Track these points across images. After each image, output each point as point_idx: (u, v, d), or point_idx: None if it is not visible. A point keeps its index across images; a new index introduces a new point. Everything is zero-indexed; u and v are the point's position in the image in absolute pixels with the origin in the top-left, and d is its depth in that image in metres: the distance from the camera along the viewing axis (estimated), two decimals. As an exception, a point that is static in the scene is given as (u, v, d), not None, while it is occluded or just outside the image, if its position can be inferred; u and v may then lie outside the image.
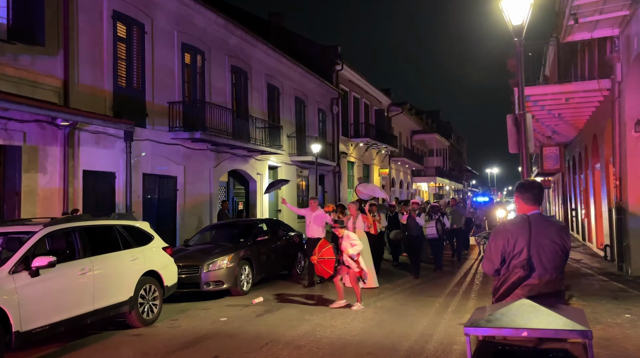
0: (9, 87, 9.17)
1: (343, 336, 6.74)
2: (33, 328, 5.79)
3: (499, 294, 3.37)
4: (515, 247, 3.29)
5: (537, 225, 3.33)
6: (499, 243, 3.36)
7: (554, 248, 3.28)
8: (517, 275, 3.28)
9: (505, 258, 3.34)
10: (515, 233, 3.32)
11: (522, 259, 3.26)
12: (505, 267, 3.35)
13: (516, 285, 3.29)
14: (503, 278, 3.37)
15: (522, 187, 3.51)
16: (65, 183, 10.32)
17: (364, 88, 30.27)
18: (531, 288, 3.25)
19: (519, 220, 3.40)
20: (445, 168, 51.56)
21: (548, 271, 3.26)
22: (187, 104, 14.30)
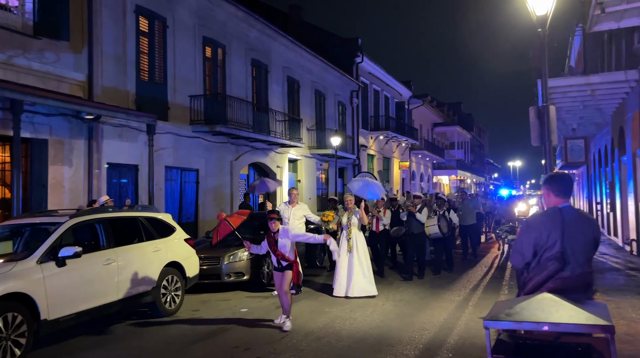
0: (35, 81, 9.38)
1: (362, 328, 6.76)
2: (60, 317, 5.95)
3: (529, 288, 3.35)
4: (548, 240, 3.27)
5: (570, 217, 3.31)
6: (531, 235, 3.34)
7: (587, 240, 3.28)
8: (549, 268, 3.26)
9: (537, 251, 3.32)
10: (548, 225, 3.30)
11: (556, 252, 3.24)
12: (536, 260, 3.33)
13: (548, 278, 3.27)
14: (534, 272, 3.35)
15: (553, 179, 3.48)
16: (89, 176, 10.54)
17: (385, 80, 30.07)
18: (563, 281, 3.23)
19: (551, 212, 3.38)
20: (467, 161, 51.00)
21: (580, 264, 3.25)
22: (208, 97, 14.42)
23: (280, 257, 6.73)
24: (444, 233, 10.68)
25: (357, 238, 8.83)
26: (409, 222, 10.50)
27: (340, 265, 8.69)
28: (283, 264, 6.74)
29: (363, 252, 8.80)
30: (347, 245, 8.83)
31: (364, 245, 8.90)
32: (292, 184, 19.82)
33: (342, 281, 8.63)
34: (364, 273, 8.66)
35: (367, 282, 8.66)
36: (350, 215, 9.00)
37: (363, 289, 8.56)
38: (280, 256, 6.72)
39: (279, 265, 6.79)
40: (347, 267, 8.66)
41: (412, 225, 10.42)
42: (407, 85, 34.64)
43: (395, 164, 31.63)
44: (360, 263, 8.68)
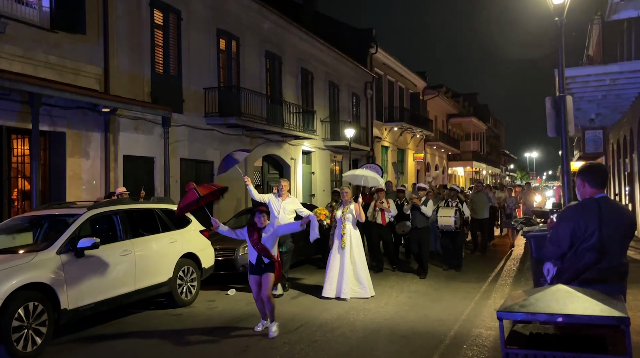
0: (52, 74, 9.51)
1: (376, 320, 6.79)
2: (79, 306, 6.08)
3: (565, 278, 3.34)
4: (586, 231, 3.27)
5: (607, 208, 3.31)
6: (567, 226, 3.34)
7: (625, 231, 3.30)
8: (586, 259, 3.26)
9: (573, 242, 3.31)
10: (585, 216, 3.30)
11: (593, 243, 3.24)
12: (572, 251, 3.33)
13: (585, 268, 3.28)
14: (570, 262, 3.34)
15: (588, 170, 3.47)
16: (106, 168, 10.68)
17: (399, 71, 29.85)
18: (600, 271, 3.24)
19: (587, 203, 3.38)
20: (482, 152, 50.53)
21: (617, 254, 3.27)
22: (222, 89, 14.47)
23: (263, 253, 6.02)
24: (456, 227, 10.02)
25: (351, 235, 8.09)
26: (412, 215, 9.81)
27: (332, 263, 8.00)
28: (265, 262, 6.03)
29: (357, 250, 8.07)
30: (341, 241, 8.08)
31: (358, 243, 8.17)
32: (307, 177, 19.86)
33: (333, 281, 7.94)
34: (358, 273, 7.95)
35: (359, 282, 7.94)
36: (345, 209, 8.22)
37: (354, 290, 7.90)
38: (264, 252, 6.02)
39: (259, 264, 6.05)
40: (340, 265, 7.96)
41: (416, 219, 9.74)
42: (421, 76, 34.35)
43: (409, 155, 31.47)
44: (354, 262, 7.98)
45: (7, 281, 5.31)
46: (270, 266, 6.04)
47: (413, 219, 9.80)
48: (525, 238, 7.12)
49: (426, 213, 9.64)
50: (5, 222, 7.17)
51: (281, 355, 5.45)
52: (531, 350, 2.78)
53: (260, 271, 6.05)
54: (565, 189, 9.19)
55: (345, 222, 8.13)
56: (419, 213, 9.69)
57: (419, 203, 9.65)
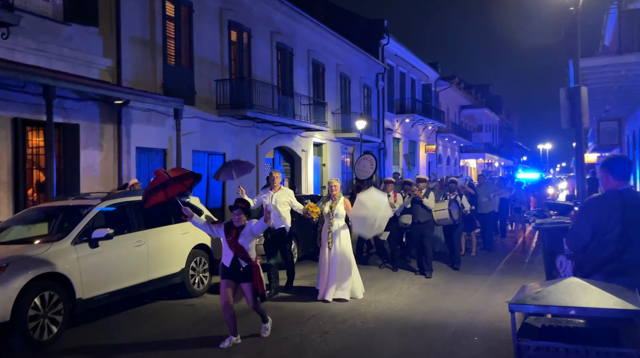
0: (66, 67, 9.59)
1: (387, 311, 6.80)
2: (94, 296, 6.17)
3: (586, 270, 3.33)
4: (608, 222, 3.25)
5: (631, 200, 3.29)
6: (590, 218, 3.34)
7: None
8: (609, 251, 3.25)
9: (595, 234, 3.30)
10: (608, 208, 3.29)
11: (616, 234, 3.23)
12: (595, 243, 3.31)
13: (607, 260, 3.26)
14: (592, 254, 3.33)
15: (611, 162, 3.47)
16: (119, 160, 10.78)
17: (411, 62, 29.64)
18: (623, 263, 3.23)
19: (610, 195, 3.37)
20: (495, 144, 50.10)
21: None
22: (234, 81, 14.49)
23: (240, 254, 5.35)
24: (454, 220, 9.46)
25: (339, 233, 7.46)
26: (413, 209, 9.17)
27: (320, 263, 7.51)
28: (242, 265, 5.38)
29: (344, 249, 7.43)
30: (327, 239, 7.47)
31: (345, 241, 7.50)
32: (317, 169, 19.86)
33: (322, 282, 7.43)
34: (342, 274, 7.35)
35: (343, 283, 7.34)
36: (334, 204, 7.52)
37: (337, 292, 7.33)
38: (241, 253, 5.35)
39: (234, 267, 5.38)
40: (328, 265, 7.40)
41: (418, 213, 9.09)
42: (434, 67, 34.06)
43: (421, 147, 31.32)
44: (340, 262, 7.37)
45: (24, 271, 5.40)
46: (248, 271, 5.38)
47: (414, 213, 9.16)
48: (538, 230, 7.08)
49: (428, 206, 9.04)
50: (21, 213, 7.29)
51: (293, 345, 5.49)
52: (543, 342, 2.77)
53: (237, 276, 5.39)
54: (579, 181, 9.10)
55: (333, 218, 7.48)
56: (420, 207, 9.07)
57: (420, 195, 9.03)
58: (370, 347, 5.43)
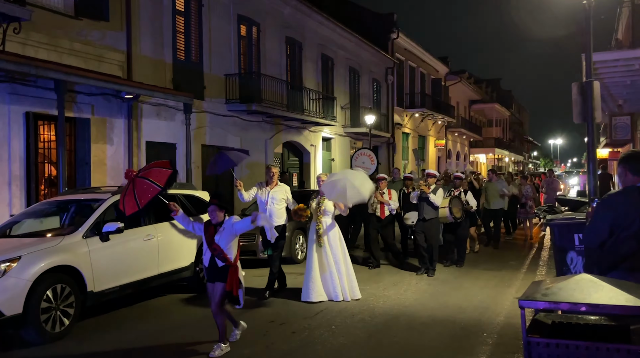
0: (77, 61, 9.65)
1: (396, 306, 6.80)
2: (104, 289, 6.23)
3: (604, 266, 3.31)
4: (626, 219, 3.23)
5: None
6: (607, 215, 3.32)
7: None
8: (627, 247, 3.23)
9: (613, 231, 3.28)
10: (627, 204, 3.27)
11: (634, 231, 3.21)
12: (613, 239, 3.29)
13: (625, 257, 3.25)
14: (610, 251, 3.31)
15: (630, 158, 3.45)
16: (129, 154, 10.84)
17: (420, 56, 29.47)
18: None
19: (629, 191, 3.35)
20: (505, 139, 49.76)
21: None
22: (243, 75, 14.50)
23: (217, 253, 5.05)
24: (455, 218, 9.04)
25: (328, 230, 7.08)
26: (420, 205, 8.79)
27: (309, 263, 7.07)
28: (219, 265, 5.06)
29: (337, 248, 7.06)
30: (316, 238, 7.07)
31: (336, 238, 7.11)
32: (326, 163, 19.85)
33: (309, 283, 6.98)
34: (338, 273, 6.99)
35: (340, 283, 6.98)
36: (322, 200, 7.12)
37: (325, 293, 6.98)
38: (216, 252, 5.05)
39: (212, 267, 5.12)
40: (318, 265, 7.00)
41: (424, 210, 8.69)
42: (443, 62, 33.84)
43: (430, 142, 31.18)
44: (336, 261, 7.01)
45: (36, 263, 5.47)
46: (224, 271, 5.02)
47: (420, 210, 8.78)
48: (549, 226, 7.02)
49: (435, 203, 8.62)
50: (33, 207, 7.37)
51: (301, 339, 5.52)
52: (553, 339, 2.75)
53: (213, 276, 5.12)
54: (590, 177, 9.02)
55: (321, 215, 7.09)
56: (427, 204, 8.67)
57: (427, 191, 8.59)
58: (378, 342, 5.43)
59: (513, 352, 4.99)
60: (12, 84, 8.55)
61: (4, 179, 8.59)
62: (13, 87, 8.59)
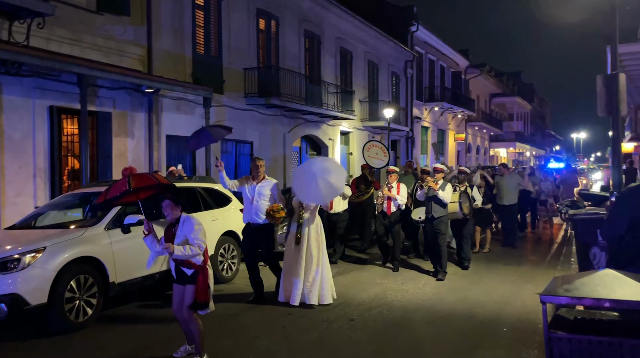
0: (99, 56, 9.78)
1: (414, 300, 6.78)
2: (126, 280, 6.34)
3: (621, 262, 3.26)
4: None
5: None
6: (626, 208, 3.28)
7: None
8: None
9: (632, 224, 3.23)
10: None
11: None
12: (632, 233, 3.24)
13: None
14: (629, 245, 3.26)
15: None
16: (150, 147, 10.97)
17: (440, 49, 29.15)
18: None
19: None
20: (526, 133, 49.00)
21: None
22: (262, 69, 14.53)
23: (178, 261, 4.55)
24: (464, 215, 8.62)
25: (309, 226, 6.56)
26: (427, 203, 8.24)
27: (286, 261, 6.59)
28: (187, 273, 4.54)
29: (314, 245, 6.52)
30: (295, 234, 6.52)
31: (316, 235, 6.58)
32: (344, 157, 19.82)
33: (286, 283, 6.54)
34: (311, 273, 6.44)
35: (311, 285, 6.43)
36: None
37: (304, 295, 6.45)
38: (179, 261, 4.54)
39: (178, 274, 4.60)
40: (295, 264, 6.48)
41: (432, 207, 8.13)
42: (464, 55, 33.42)
43: (450, 136, 30.88)
44: (309, 259, 6.46)
45: (61, 254, 5.59)
46: (194, 275, 4.53)
47: (428, 207, 8.23)
48: (571, 221, 6.92)
49: (444, 200, 8.03)
50: (57, 199, 7.53)
51: (319, 332, 5.54)
52: (576, 335, 2.72)
53: (183, 280, 4.58)
54: (614, 171, 8.84)
55: (302, 210, 6.60)
56: (435, 200, 8.10)
57: (435, 187, 8.01)
58: (396, 335, 5.43)
59: (534, 348, 4.94)
60: (37, 78, 8.70)
61: (28, 172, 8.78)
62: (37, 81, 8.75)
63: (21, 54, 7.84)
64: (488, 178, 11.35)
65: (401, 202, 8.64)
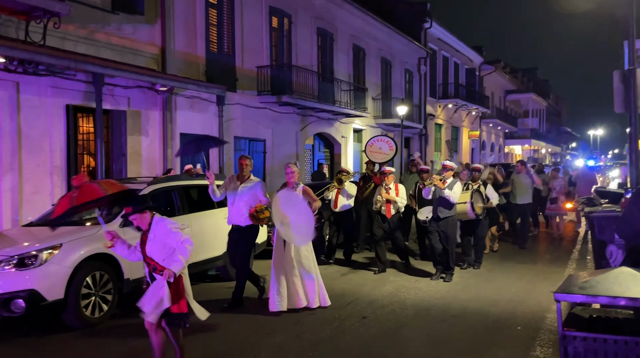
0: (114, 55, 9.88)
1: (427, 298, 6.75)
2: (141, 277, 6.36)
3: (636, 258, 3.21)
4: None
5: None
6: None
7: None
8: None
9: None
10: None
11: None
12: None
13: None
14: None
15: None
16: (164, 145, 11.07)
17: (454, 46, 28.92)
18: None
19: None
20: (542, 130, 48.45)
21: None
22: (275, 67, 14.55)
23: (151, 267, 4.22)
24: (477, 215, 8.07)
25: None
26: (433, 202, 7.80)
27: (273, 265, 6.18)
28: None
29: (301, 249, 6.14)
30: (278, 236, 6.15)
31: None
32: (357, 155, 19.79)
33: (273, 289, 6.12)
34: (300, 278, 6.11)
35: (300, 290, 6.08)
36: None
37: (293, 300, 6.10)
38: (152, 266, 4.21)
39: (152, 280, 4.29)
40: (282, 269, 6.12)
41: (438, 207, 7.68)
42: (478, 51, 33.13)
43: (464, 133, 30.65)
44: (297, 264, 6.11)
45: (77, 251, 5.67)
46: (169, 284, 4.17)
47: (434, 207, 7.77)
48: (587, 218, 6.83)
49: (450, 199, 7.49)
50: (73, 196, 7.60)
51: (331, 329, 5.54)
52: (591, 333, 2.68)
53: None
54: (632, 168, 8.71)
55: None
56: (441, 200, 7.62)
57: (442, 186, 7.49)
58: (409, 333, 5.41)
59: (548, 346, 4.89)
60: (53, 77, 8.82)
61: (45, 169, 8.91)
62: (54, 80, 8.86)
63: (38, 53, 7.95)
64: (497, 176, 10.65)
65: (401, 204, 8.13)
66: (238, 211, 6.38)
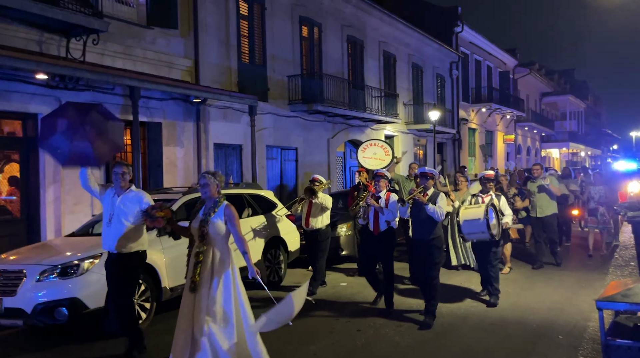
0: (149, 68, 10.17)
1: (463, 306, 6.64)
2: (177, 285, 6.50)
3: None
4: None
5: None
6: None
7: None
8: None
9: None
10: None
11: None
12: None
13: None
14: None
15: None
16: (198, 156, 11.29)
17: (487, 49, 28.51)
18: None
19: None
20: (580, 132, 47.04)
21: None
22: (305, 76, 14.66)
23: None
24: (492, 236, 6.40)
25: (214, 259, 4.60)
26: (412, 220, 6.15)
27: (180, 311, 4.50)
28: None
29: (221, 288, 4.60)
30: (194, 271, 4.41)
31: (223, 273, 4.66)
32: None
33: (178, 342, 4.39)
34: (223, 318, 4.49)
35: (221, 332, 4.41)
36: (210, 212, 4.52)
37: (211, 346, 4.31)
38: None
39: None
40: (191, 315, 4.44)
41: (421, 226, 5.99)
42: (511, 54, 32.54)
43: (499, 137, 30.07)
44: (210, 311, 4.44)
45: (115, 260, 5.80)
46: None
47: (416, 226, 6.07)
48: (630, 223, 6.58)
49: (435, 215, 5.83)
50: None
51: (367, 337, 5.51)
52: (636, 343, 2.58)
53: None
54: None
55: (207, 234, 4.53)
56: (420, 215, 5.95)
57: (423, 199, 5.82)
58: (445, 342, 5.33)
59: (592, 356, 4.72)
60: (92, 92, 9.13)
61: (86, 181, 9.20)
62: (93, 95, 9.17)
63: (79, 69, 8.26)
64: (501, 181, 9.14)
65: (391, 217, 6.30)
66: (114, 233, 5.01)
